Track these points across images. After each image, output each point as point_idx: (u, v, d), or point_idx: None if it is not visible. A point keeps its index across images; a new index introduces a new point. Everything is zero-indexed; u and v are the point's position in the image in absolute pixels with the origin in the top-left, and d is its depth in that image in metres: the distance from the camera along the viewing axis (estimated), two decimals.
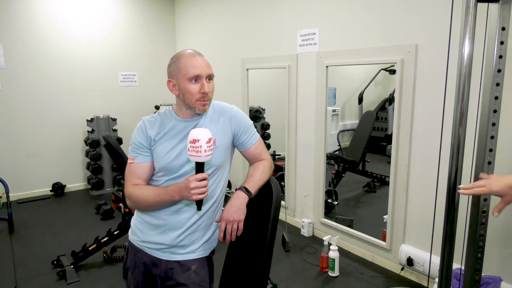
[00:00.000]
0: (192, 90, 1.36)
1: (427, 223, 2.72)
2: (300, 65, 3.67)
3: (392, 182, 2.94)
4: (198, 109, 1.39)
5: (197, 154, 1.20)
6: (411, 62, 2.70)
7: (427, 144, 2.70)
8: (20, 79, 4.75)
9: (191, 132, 1.22)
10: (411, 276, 2.88)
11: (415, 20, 2.68)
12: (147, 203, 1.38)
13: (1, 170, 4.57)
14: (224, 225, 1.38)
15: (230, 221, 1.37)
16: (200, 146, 1.19)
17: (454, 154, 1.63)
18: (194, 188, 1.22)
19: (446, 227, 1.73)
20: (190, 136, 1.21)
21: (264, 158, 1.55)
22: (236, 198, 1.40)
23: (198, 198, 1.24)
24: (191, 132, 1.22)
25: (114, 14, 5.37)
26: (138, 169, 1.43)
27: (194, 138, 1.20)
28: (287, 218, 3.94)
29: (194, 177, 1.23)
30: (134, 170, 1.43)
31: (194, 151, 1.20)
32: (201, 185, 1.23)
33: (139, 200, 1.39)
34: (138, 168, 1.43)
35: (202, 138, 1.20)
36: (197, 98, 1.37)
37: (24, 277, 2.96)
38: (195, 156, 1.21)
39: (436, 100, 2.59)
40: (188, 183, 1.22)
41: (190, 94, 1.36)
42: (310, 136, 3.66)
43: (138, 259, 1.49)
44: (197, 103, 1.38)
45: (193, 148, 1.20)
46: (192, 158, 1.22)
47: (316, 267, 3.08)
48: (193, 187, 1.22)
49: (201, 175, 1.24)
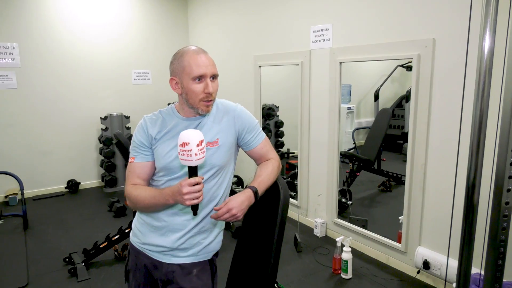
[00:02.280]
0: (196, 90, 1.30)
1: (445, 225, 2.62)
2: (313, 62, 3.60)
3: (408, 182, 2.84)
4: (201, 109, 1.34)
5: (187, 158, 1.15)
6: (428, 57, 2.60)
7: (444, 143, 2.59)
8: (35, 78, 4.81)
9: (180, 135, 1.16)
10: (427, 280, 2.78)
11: (432, 13, 2.57)
12: (144, 204, 1.34)
13: (17, 167, 4.63)
14: (225, 211, 1.26)
15: (232, 213, 1.26)
16: (190, 150, 1.13)
17: (473, 153, 1.54)
18: (186, 194, 1.15)
19: (465, 230, 1.64)
20: (180, 139, 1.15)
21: (271, 157, 1.49)
22: (246, 197, 1.30)
23: (192, 203, 1.17)
24: (180, 135, 1.16)
25: (128, 13, 5.39)
26: (138, 169, 1.39)
27: (183, 141, 1.14)
28: (300, 217, 3.87)
29: (186, 182, 1.16)
30: (134, 169, 1.39)
31: (185, 155, 1.14)
32: (194, 190, 1.16)
33: (137, 201, 1.35)
34: (138, 167, 1.39)
35: (192, 141, 1.14)
36: (201, 98, 1.32)
37: (36, 274, 2.98)
38: (186, 160, 1.15)
39: (454, 97, 2.48)
40: (181, 188, 1.16)
41: (194, 94, 1.31)
42: (323, 134, 3.58)
43: (139, 261, 1.46)
44: (201, 103, 1.33)
45: (183, 152, 1.14)
46: (183, 162, 1.17)
47: (328, 269, 3.01)
48: (186, 192, 1.15)
49: (194, 180, 1.16)
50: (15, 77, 4.67)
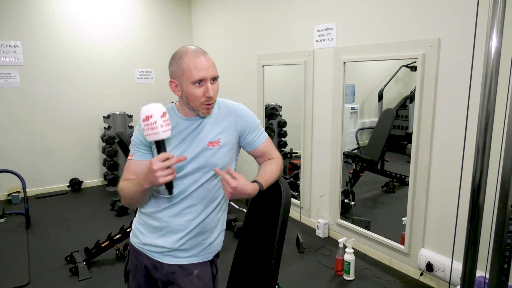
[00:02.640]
0: (196, 94, 1.27)
1: (449, 227, 2.59)
2: (317, 61, 3.57)
3: (412, 183, 2.81)
4: (201, 112, 1.32)
5: (154, 132, 1.12)
6: (433, 57, 2.57)
7: (449, 144, 2.56)
8: (39, 76, 4.81)
9: (142, 109, 1.14)
10: (430, 282, 2.75)
11: (438, 13, 2.54)
12: (127, 196, 1.33)
13: (20, 166, 4.64)
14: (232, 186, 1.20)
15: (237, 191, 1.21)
16: (155, 122, 1.11)
17: (479, 154, 1.51)
18: (157, 170, 1.11)
19: (470, 232, 1.62)
20: (142, 114, 1.13)
21: (274, 156, 1.47)
22: (252, 189, 1.26)
23: (165, 180, 1.13)
24: (142, 109, 1.14)
25: (131, 12, 5.38)
26: (135, 166, 1.38)
27: (146, 115, 1.12)
28: (302, 218, 3.85)
29: (156, 158, 1.13)
30: (130, 166, 1.39)
31: (150, 128, 1.12)
32: (164, 166, 1.12)
33: (123, 194, 1.34)
34: (135, 165, 1.38)
35: (155, 112, 1.12)
36: (201, 102, 1.29)
37: (38, 273, 2.98)
38: (153, 135, 1.13)
39: (459, 98, 2.45)
40: (151, 165, 1.12)
41: (194, 98, 1.28)
42: (326, 134, 3.56)
43: (139, 262, 1.44)
44: (201, 106, 1.30)
45: (148, 126, 1.12)
46: (150, 137, 1.14)
47: (330, 270, 2.98)
48: (157, 168, 1.11)
49: (164, 155, 1.13)
50: (18, 75, 4.67)
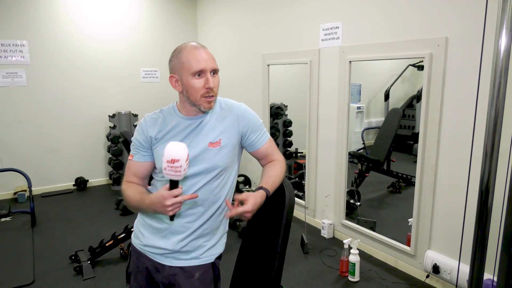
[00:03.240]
0: (196, 85, 1.27)
1: (456, 229, 2.55)
2: (322, 60, 3.54)
3: (418, 184, 2.78)
4: (203, 106, 1.30)
5: (176, 174, 1.11)
6: (441, 56, 2.53)
7: (456, 144, 2.52)
8: (45, 76, 4.83)
9: (168, 151, 1.10)
10: (436, 284, 2.72)
11: (445, 11, 2.50)
12: (132, 205, 1.34)
13: (26, 165, 4.66)
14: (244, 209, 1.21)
15: (249, 210, 1.21)
16: (180, 166, 1.09)
17: (487, 155, 1.48)
18: (170, 206, 1.13)
19: (477, 234, 1.59)
20: (167, 155, 1.10)
21: (277, 158, 1.45)
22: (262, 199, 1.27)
23: (174, 212, 1.16)
24: (168, 151, 1.10)
25: (136, 11, 5.38)
26: (135, 167, 1.38)
27: (173, 158, 1.09)
28: (307, 218, 3.83)
29: (170, 194, 1.13)
30: (131, 167, 1.39)
31: (173, 170, 1.10)
32: (177, 201, 1.14)
33: (128, 200, 1.35)
34: (135, 166, 1.38)
35: (181, 157, 1.09)
36: (201, 94, 1.28)
37: (42, 271, 2.99)
38: (173, 176, 1.12)
39: (467, 98, 2.41)
40: (164, 201, 1.13)
41: (194, 90, 1.27)
42: (331, 133, 3.53)
43: (140, 263, 1.42)
44: (202, 99, 1.29)
45: (171, 168, 1.10)
46: (169, 177, 1.12)
47: (335, 271, 2.96)
48: (169, 204, 1.13)
49: (177, 191, 1.14)
50: (24, 74, 4.69)
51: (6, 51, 4.56)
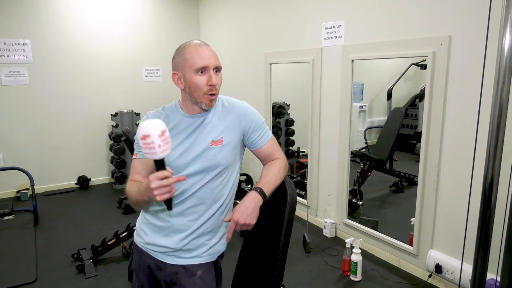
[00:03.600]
0: (199, 82, 1.27)
1: (458, 228, 2.54)
2: (325, 59, 3.53)
3: (421, 183, 2.77)
4: (205, 104, 1.30)
5: (151, 151, 1.07)
6: (444, 55, 2.52)
7: (459, 144, 2.51)
8: (47, 74, 4.84)
9: (140, 127, 1.08)
10: (439, 284, 2.71)
11: (448, 9, 2.48)
12: (132, 200, 1.32)
13: (29, 163, 4.67)
14: (234, 226, 1.27)
15: (240, 224, 1.26)
16: (153, 142, 1.05)
17: (491, 154, 1.47)
18: (155, 189, 1.09)
19: (481, 233, 1.58)
20: (139, 132, 1.08)
21: (278, 157, 1.44)
22: (250, 200, 1.29)
23: (162, 198, 1.11)
24: (140, 127, 1.08)
25: (139, 10, 5.39)
26: (139, 165, 1.37)
27: (143, 134, 1.06)
28: (309, 217, 3.82)
29: (154, 176, 1.09)
30: (135, 166, 1.37)
31: (147, 148, 1.07)
32: (163, 184, 1.09)
33: (129, 196, 1.33)
34: (139, 164, 1.37)
35: (152, 132, 1.06)
36: (204, 91, 1.28)
37: (45, 269, 2.99)
38: (150, 154, 1.09)
39: (471, 97, 2.40)
40: (149, 183, 1.10)
41: (197, 87, 1.28)
42: (334, 133, 3.52)
43: (142, 261, 1.42)
44: (204, 97, 1.29)
45: (145, 145, 1.07)
46: (147, 156, 1.09)
47: (337, 270, 2.95)
48: (154, 187, 1.08)
49: (162, 173, 1.09)
50: (27, 73, 4.70)
51: (9, 50, 4.57)
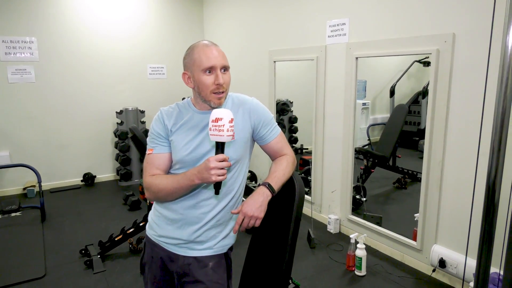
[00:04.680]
0: (207, 81, 1.31)
1: (462, 223, 2.57)
2: (329, 57, 3.56)
3: (425, 180, 2.80)
4: (213, 102, 1.34)
5: (219, 134, 1.17)
6: (448, 52, 2.54)
7: (463, 140, 2.54)
8: (53, 72, 4.89)
9: (214, 111, 1.20)
10: (443, 279, 2.74)
11: (452, 7, 2.51)
12: (166, 191, 1.34)
13: (35, 160, 4.72)
14: (242, 218, 1.31)
15: (248, 216, 1.30)
16: (223, 125, 1.16)
17: (494, 151, 1.50)
18: (213, 168, 1.18)
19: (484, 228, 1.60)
20: (213, 115, 1.19)
21: (286, 153, 1.48)
22: (259, 194, 1.33)
23: (217, 179, 1.20)
24: (214, 111, 1.20)
25: (144, 8, 5.42)
26: (157, 160, 1.40)
27: (217, 116, 1.18)
28: (313, 213, 3.86)
29: (214, 157, 1.20)
30: (152, 160, 1.40)
31: (217, 130, 1.17)
32: (220, 166, 1.19)
33: (158, 189, 1.35)
34: (157, 158, 1.40)
35: (225, 116, 1.17)
36: (211, 90, 1.32)
37: (54, 265, 3.04)
38: (217, 136, 1.18)
39: (474, 94, 2.42)
40: (208, 163, 1.19)
41: (205, 86, 1.31)
42: (338, 129, 3.55)
43: (155, 254, 1.46)
44: (212, 95, 1.33)
45: (215, 127, 1.17)
46: (214, 137, 1.19)
47: (342, 265, 2.99)
48: (213, 167, 1.18)
49: (221, 156, 1.20)
50: (33, 71, 4.75)
51: (15, 47, 4.61)
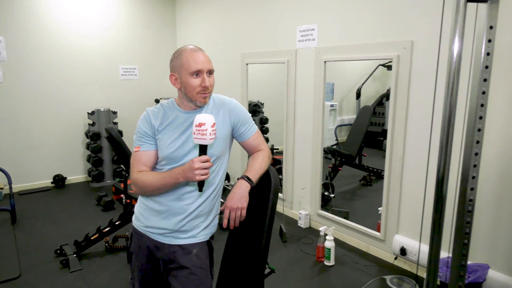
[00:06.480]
0: (194, 84, 1.44)
1: (420, 214, 2.80)
2: (299, 60, 3.74)
3: (387, 175, 3.02)
4: (199, 101, 1.47)
5: (202, 137, 1.30)
6: (407, 58, 2.77)
7: (420, 138, 2.78)
8: (22, 72, 4.80)
9: (197, 117, 1.32)
10: (404, 265, 2.98)
11: (412, 17, 2.75)
12: (153, 187, 1.46)
13: (3, 162, 4.63)
14: (228, 213, 1.47)
15: (233, 209, 1.46)
16: (206, 129, 1.29)
17: (443, 147, 1.70)
18: (197, 169, 1.31)
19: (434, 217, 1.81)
20: (196, 120, 1.31)
21: (263, 149, 1.63)
22: (238, 187, 1.48)
23: (201, 178, 1.33)
24: (197, 117, 1.32)
25: (115, 7, 5.41)
26: (144, 157, 1.51)
27: (200, 122, 1.30)
28: (285, 210, 4.02)
29: (198, 159, 1.33)
30: (139, 158, 1.51)
31: (200, 134, 1.30)
32: (204, 166, 1.32)
33: (145, 185, 1.47)
34: (144, 156, 1.51)
35: (207, 122, 1.30)
36: (198, 91, 1.45)
37: (28, 266, 3.04)
38: (200, 139, 1.31)
39: (429, 96, 2.66)
40: (193, 164, 1.32)
41: (192, 88, 1.44)
42: (307, 130, 3.74)
43: (142, 243, 1.57)
44: (198, 95, 1.46)
45: (199, 131, 1.30)
46: (197, 141, 1.32)
47: (312, 257, 3.17)
48: (197, 167, 1.31)
49: (205, 157, 1.34)
50: (1, 71, 4.65)
51: None
